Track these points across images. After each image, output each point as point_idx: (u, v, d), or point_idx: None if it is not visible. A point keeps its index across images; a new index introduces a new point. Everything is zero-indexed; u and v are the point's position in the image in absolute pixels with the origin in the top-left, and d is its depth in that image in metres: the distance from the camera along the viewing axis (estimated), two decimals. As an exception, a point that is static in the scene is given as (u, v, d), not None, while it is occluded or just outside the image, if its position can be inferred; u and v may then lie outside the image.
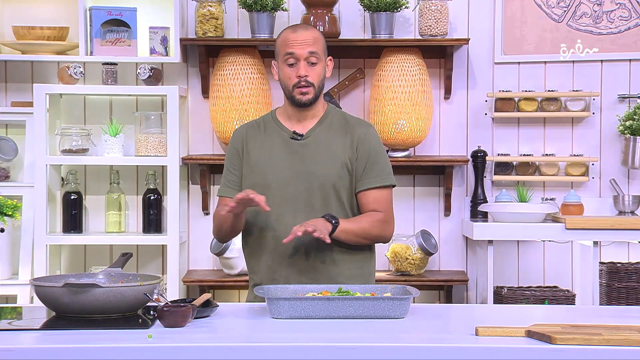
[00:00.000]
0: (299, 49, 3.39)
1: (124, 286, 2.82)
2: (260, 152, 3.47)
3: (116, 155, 5.00)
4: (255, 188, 3.39)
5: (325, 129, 3.47)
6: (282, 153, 3.45)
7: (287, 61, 3.41)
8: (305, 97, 3.41)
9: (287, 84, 3.42)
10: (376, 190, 3.45)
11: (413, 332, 2.76)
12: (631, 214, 5.09)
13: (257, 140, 3.49)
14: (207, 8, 5.06)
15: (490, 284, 4.87)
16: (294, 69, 3.40)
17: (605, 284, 4.99)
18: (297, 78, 3.39)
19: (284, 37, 3.44)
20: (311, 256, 3.39)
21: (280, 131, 3.48)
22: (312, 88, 3.41)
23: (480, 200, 5.14)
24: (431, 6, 5.04)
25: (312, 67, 3.40)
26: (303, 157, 3.43)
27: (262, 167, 3.44)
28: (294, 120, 3.49)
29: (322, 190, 3.40)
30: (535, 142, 5.28)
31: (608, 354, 2.52)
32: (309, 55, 3.39)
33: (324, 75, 3.45)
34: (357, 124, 3.52)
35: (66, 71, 4.96)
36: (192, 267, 5.31)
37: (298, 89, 3.40)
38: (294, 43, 3.40)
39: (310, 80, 3.39)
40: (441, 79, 5.24)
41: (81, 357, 2.51)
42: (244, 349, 2.56)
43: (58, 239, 5.02)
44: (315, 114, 3.49)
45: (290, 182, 3.40)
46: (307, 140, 3.45)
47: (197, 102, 5.27)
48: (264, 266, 3.43)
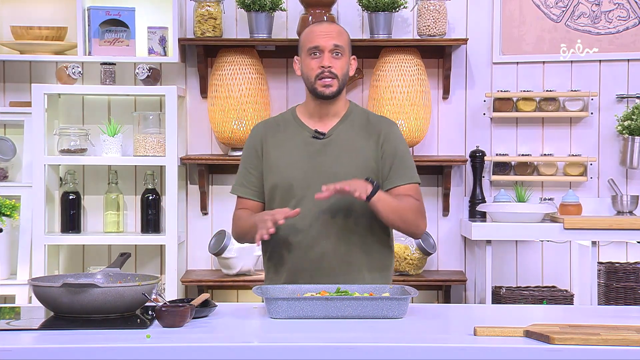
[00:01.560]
0: (324, 41, 3.34)
1: (123, 286, 2.82)
2: (280, 152, 3.42)
3: (114, 155, 5.00)
4: (276, 189, 3.37)
5: (347, 127, 3.42)
6: (304, 152, 3.39)
7: (311, 53, 3.36)
8: (328, 89, 3.35)
9: (310, 75, 3.36)
10: (406, 186, 3.38)
11: (411, 332, 2.76)
12: (629, 213, 5.10)
13: (277, 139, 3.44)
14: (206, 8, 5.06)
15: (489, 284, 4.87)
16: (318, 60, 3.35)
17: (603, 283, 4.99)
18: (320, 69, 3.33)
19: (309, 30, 3.40)
20: (334, 259, 3.34)
21: (301, 130, 3.43)
22: (336, 80, 3.35)
23: (478, 200, 5.15)
24: (429, 6, 5.05)
25: (337, 60, 3.35)
26: (325, 157, 3.38)
27: (283, 167, 3.39)
28: (316, 117, 3.43)
29: None
30: (533, 142, 5.28)
31: (606, 354, 2.52)
32: (333, 48, 3.35)
33: (347, 70, 3.40)
34: (380, 121, 3.47)
35: (64, 71, 4.96)
36: (191, 267, 5.31)
37: (321, 80, 3.34)
38: (319, 35, 3.35)
39: (335, 72, 3.34)
40: (439, 79, 5.25)
41: (79, 357, 2.51)
42: (243, 349, 2.56)
43: (56, 239, 5.02)
44: (338, 112, 3.43)
45: (312, 182, 3.33)
46: (330, 139, 3.40)
47: (196, 102, 5.27)
48: (286, 268, 3.39)
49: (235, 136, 5.07)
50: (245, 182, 3.48)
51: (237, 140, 5.09)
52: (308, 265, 3.35)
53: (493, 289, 5.02)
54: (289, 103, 5.26)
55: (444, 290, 5.16)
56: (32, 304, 3.48)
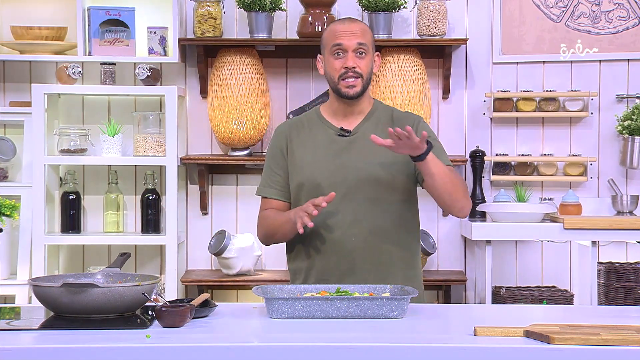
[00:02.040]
0: (347, 40, 3.32)
1: (123, 286, 2.82)
2: (306, 150, 3.40)
3: (114, 155, 5.00)
4: (302, 187, 3.36)
5: (373, 124, 3.40)
6: (330, 150, 3.38)
7: (334, 53, 3.34)
8: (352, 89, 3.33)
9: (333, 76, 3.34)
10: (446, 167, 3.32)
11: (411, 332, 2.76)
12: (629, 213, 5.10)
13: (302, 138, 3.42)
14: (206, 8, 5.06)
15: (489, 283, 4.87)
16: (341, 60, 3.33)
17: (603, 283, 4.99)
18: (343, 69, 3.31)
19: (332, 29, 3.38)
20: (364, 257, 3.33)
21: (326, 128, 3.41)
22: (360, 79, 3.33)
23: (478, 200, 5.14)
24: (429, 6, 5.05)
25: (361, 58, 3.33)
26: (351, 154, 3.36)
27: (308, 165, 3.38)
28: (340, 116, 3.41)
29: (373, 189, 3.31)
30: (533, 142, 5.28)
31: (606, 354, 2.52)
32: (357, 47, 3.32)
33: (371, 69, 3.37)
34: (405, 117, 3.44)
35: (64, 71, 4.96)
36: (191, 267, 5.31)
37: (344, 80, 3.32)
38: (342, 34, 3.33)
39: (359, 71, 3.32)
40: (439, 79, 5.25)
41: (79, 357, 2.51)
42: (243, 349, 2.56)
43: (56, 239, 5.02)
44: (362, 110, 3.42)
45: (339, 180, 3.32)
46: (355, 137, 3.38)
47: (196, 102, 5.27)
48: (316, 266, 3.37)
49: (235, 136, 5.07)
50: (271, 182, 3.46)
51: (237, 140, 5.09)
52: (338, 263, 3.34)
53: (493, 289, 5.02)
54: (289, 103, 5.26)
55: (444, 290, 5.16)
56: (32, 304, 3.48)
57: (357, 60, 3.32)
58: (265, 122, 5.14)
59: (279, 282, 4.91)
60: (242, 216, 5.28)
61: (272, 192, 3.46)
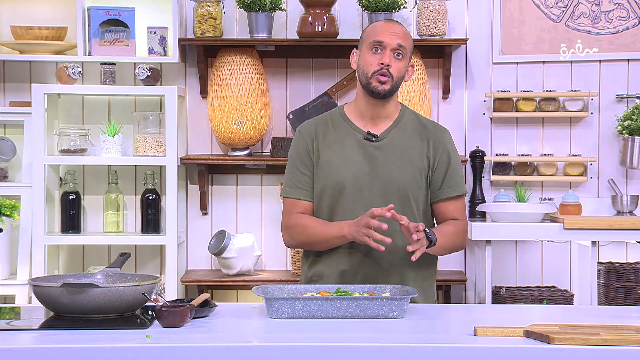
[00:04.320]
0: (389, 38, 3.30)
1: (123, 286, 2.82)
2: (332, 152, 3.37)
3: (114, 155, 5.00)
4: (326, 190, 3.34)
5: (400, 131, 3.39)
6: (357, 155, 3.35)
7: (372, 48, 3.31)
8: (382, 86, 3.30)
9: (367, 70, 3.32)
10: (456, 200, 3.40)
11: (411, 332, 2.76)
12: (629, 214, 5.10)
13: (328, 138, 3.39)
14: (206, 8, 5.06)
15: (489, 283, 4.87)
16: (378, 56, 3.31)
17: (603, 283, 4.99)
18: (378, 65, 3.29)
19: (375, 25, 3.37)
20: (381, 264, 3.33)
21: (353, 131, 3.39)
22: (391, 80, 3.30)
23: (478, 200, 5.15)
24: (429, 6, 5.05)
25: (397, 60, 3.31)
26: (378, 161, 3.34)
27: (335, 168, 3.35)
28: (367, 118, 3.39)
29: (399, 198, 3.31)
30: (533, 142, 5.28)
31: (606, 354, 2.52)
32: (396, 47, 3.31)
33: (404, 75, 3.35)
34: (434, 128, 3.43)
35: (64, 71, 4.96)
36: (191, 267, 5.31)
37: (377, 76, 3.30)
38: (385, 31, 3.32)
39: (392, 72, 3.30)
40: (439, 79, 5.25)
41: (79, 357, 2.51)
42: (243, 349, 2.56)
43: (56, 239, 5.02)
44: (389, 115, 3.40)
45: (365, 186, 3.31)
46: (382, 143, 3.36)
47: (196, 102, 5.27)
48: (334, 272, 3.36)
49: (235, 136, 5.07)
50: (298, 183, 3.40)
51: (237, 140, 5.09)
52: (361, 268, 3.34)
53: (493, 289, 5.02)
54: (289, 103, 5.26)
55: (444, 290, 5.16)
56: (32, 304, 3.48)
57: (393, 61, 3.31)
58: (265, 122, 5.14)
59: (279, 282, 4.91)
60: (242, 216, 5.28)
61: (301, 193, 3.40)
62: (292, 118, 5.17)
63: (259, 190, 5.29)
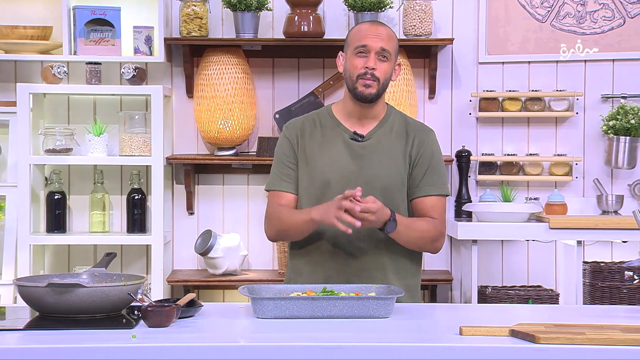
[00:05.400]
0: (372, 42, 3.31)
1: (108, 286, 2.81)
2: (317, 150, 3.39)
3: (100, 155, 4.99)
4: (311, 188, 3.34)
5: (386, 131, 3.40)
6: (343, 154, 3.37)
7: (357, 52, 3.32)
8: (368, 90, 3.31)
9: (352, 74, 3.33)
10: (434, 198, 3.39)
11: (397, 331, 2.76)
12: (614, 213, 5.11)
13: (315, 136, 3.41)
14: (192, 7, 5.05)
15: (475, 283, 4.88)
16: (363, 60, 3.32)
17: (588, 283, 5.00)
18: (363, 69, 3.30)
19: (359, 28, 3.37)
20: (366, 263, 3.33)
21: (340, 130, 3.40)
22: (377, 83, 3.31)
23: (464, 200, 5.15)
24: (415, 6, 5.05)
25: (381, 63, 3.32)
26: (364, 161, 3.36)
27: (321, 165, 3.37)
28: (354, 118, 3.40)
29: (383, 197, 3.31)
30: (519, 142, 5.29)
31: (591, 354, 2.52)
32: (381, 50, 3.31)
33: (390, 76, 3.36)
34: (419, 127, 3.45)
35: (50, 71, 4.95)
36: (177, 267, 5.30)
37: (362, 79, 3.31)
38: (368, 35, 3.32)
39: (377, 75, 3.31)
40: (425, 79, 5.25)
41: (65, 357, 2.51)
42: (229, 348, 2.55)
43: (42, 238, 5.00)
44: (376, 115, 3.41)
45: (350, 185, 3.29)
46: (368, 143, 3.38)
47: (182, 102, 5.27)
48: (317, 270, 3.37)
49: (221, 136, 5.07)
50: (283, 176, 3.42)
51: (223, 140, 5.08)
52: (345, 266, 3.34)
53: (479, 288, 5.03)
54: (275, 103, 5.26)
55: (430, 289, 5.17)
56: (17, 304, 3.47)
57: (378, 63, 3.32)
58: (252, 122, 5.13)
59: (265, 282, 4.91)
60: (228, 216, 5.27)
61: (285, 185, 3.41)
62: (278, 118, 5.17)
63: (245, 190, 5.28)
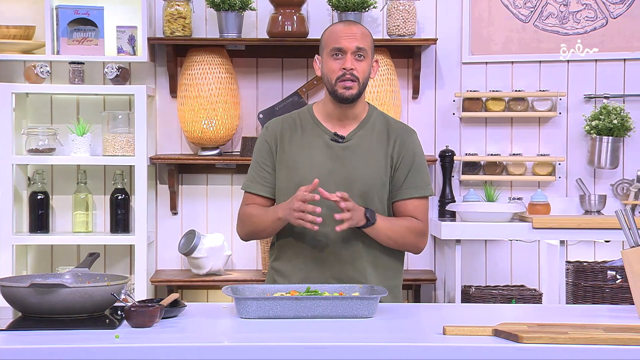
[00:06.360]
0: (347, 43, 3.29)
1: (91, 286, 2.81)
2: (298, 151, 3.37)
3: (83, 154, 4.97)
4: (290, 189, 3.32)
5: (367, 132, 3.38)
6: (323, 155, 3.35)
7: (333, 54, 3.30)
8: (348, 91, 3.29)
9: (331, 77, 3.31)
10: (417, 200, 3.38)
11: (381, 331, 2.76)
12: (597, 213, 5.13)
13: (295, 137, 3.39)
14: (175, 7, 5.04)
15: (458, 283, 4.89)
16: (340, 62, 3.29)
17: (571, 282, 5.02)
18: (341, 71, 3.28)
19: (331, 30, 3.35)
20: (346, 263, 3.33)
21: (320, 131, 3.38)
22: (357, 83, 3.29)
23: (448, 200, 5.16)
24: (399, 6, 5.06)
25: (359, 62, 3.30)
26: (344, 162, 3.34)
27: (300, 167, 3.34)
28: (335, 119, 3.38)
29: (363, 198, 3.31)
30: (502, 142, 5.30)
31: (574, 353, 2.53)
32: (356, 50, 3.29)
33: (369, 74, 3.34)
34: (400, 128, 3.43)
35: (32, 70, 4.93)
36: (160, 267, 5.29)
37: (342, 82, 3.29)
38: (342, 37, 3.30)
39: (356, 74, 3.29)
40: (409, 79, 5.26)
41: (48, 357, 2.50)
42: (212, 348, 2.55)
43: (24, 239, 4.99)
44: (357, 115, 3.39)
45: (330, 186, 3.27)
46: (349, 144, 3.36)
47: (165, 102, 5.26)
48: (297, 270, 3.36)
49: (205, 136, 5.06)
50: (258, 178, 3.41)
51: (206, 140, 5.08)
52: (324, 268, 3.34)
53: (462, 288, 5.04)
54: (259, 103, 5.26)
55: (414, 289, 5.17)
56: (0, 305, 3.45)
57: (355, 63, 3.30)
58: (235, 122, 5.13)
59: (249, 282, 4.90)
60: (212, 216, 5.27)
61: (258, 187, 3.40)
62: (262, 118, 5.17)
63: (229, 190, 5.28)
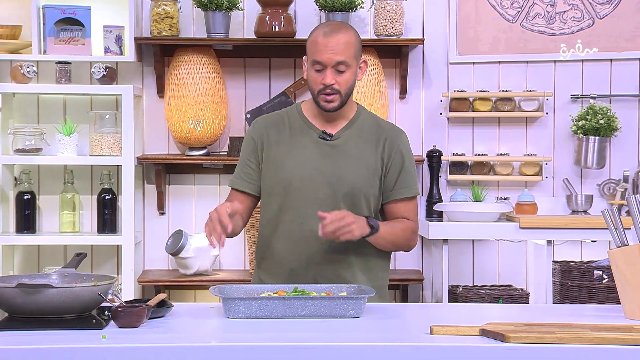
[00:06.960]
0: (327, 58, 3.24)
1: (78, 286, 2.80)
2: (285, 149, 3.36)
3: (70, 154, 4.96)
4: (276, 187, 3.32)
5: (355, 132, 3.37)
6: (311, 153, 3.34)
7: (314, 65, 3.27)
8: (330, 104, 3.28)
9: (313, 88, 3.29)
10: (407, 200, 3.39)
11: (368, 331, 2.77)
12: (584, 213, 5.14)
13: (282, 135, 3.38)
14: (162, 7, 5.03)
15: (445, 283, 4.89)
16: (320, 75, 3.26)
17: (558, 282, 5.03)
18: (321, 85, 3.26)
19: (314, 40, 3.29)
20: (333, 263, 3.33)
21: (309, 129, 3.37)
22: (339, 95, 3.28)
23: (435, 200, 5.17)
24: (386, 6, 5.06)
25: (340, 75, 3.27)
26: (332, 160, 3.33)
27: (287, 164, 3.33)
28: (323, 118, 3.38)
29: (350, 197, 3.31)
30: (489, 142, 5.31)
31: (561, 353, 2.54)
32: (336, 64, 3.25)
33: (353, 81, 3.31)
34: (389, 129, 3.43)
35: (19, 70, 4.92)
36: (148, 267, 5.28)
37: (323, 95, 3.28)
38: (323, 50, 3.25)
39: (337, 88, 3.27)
40: (396, 79, 5.26)
41: (34, 357, 2.49)
42: (200, 349, 2.55)
43: (11, 239, 4.97)
44: (345, 115, 3.38)
45: (317, 184, 3.29)
46: (337, 142, 3.35)
47: (152, 102, 5.25)
48: (285, 270, 3.36)
49: (192, 136, 5.05)
50: (243, 175, 3.40)
51: (194, 140, 5.07)
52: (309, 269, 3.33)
53: (450, 288, 5.05)
54: (247, 102, 5.25)
55: (401, 289, 5.18)
56: (-13, 305, 3.45)
57: (336, 77, 3.27)
58: (223, 122, 5.12)
59: (237, 282, 4.90)
60: (200, 216, 5.26)
61: (240, 183, 3.40)
62: (249, 117, 5.16)
63: (217, 189, 5.27)
